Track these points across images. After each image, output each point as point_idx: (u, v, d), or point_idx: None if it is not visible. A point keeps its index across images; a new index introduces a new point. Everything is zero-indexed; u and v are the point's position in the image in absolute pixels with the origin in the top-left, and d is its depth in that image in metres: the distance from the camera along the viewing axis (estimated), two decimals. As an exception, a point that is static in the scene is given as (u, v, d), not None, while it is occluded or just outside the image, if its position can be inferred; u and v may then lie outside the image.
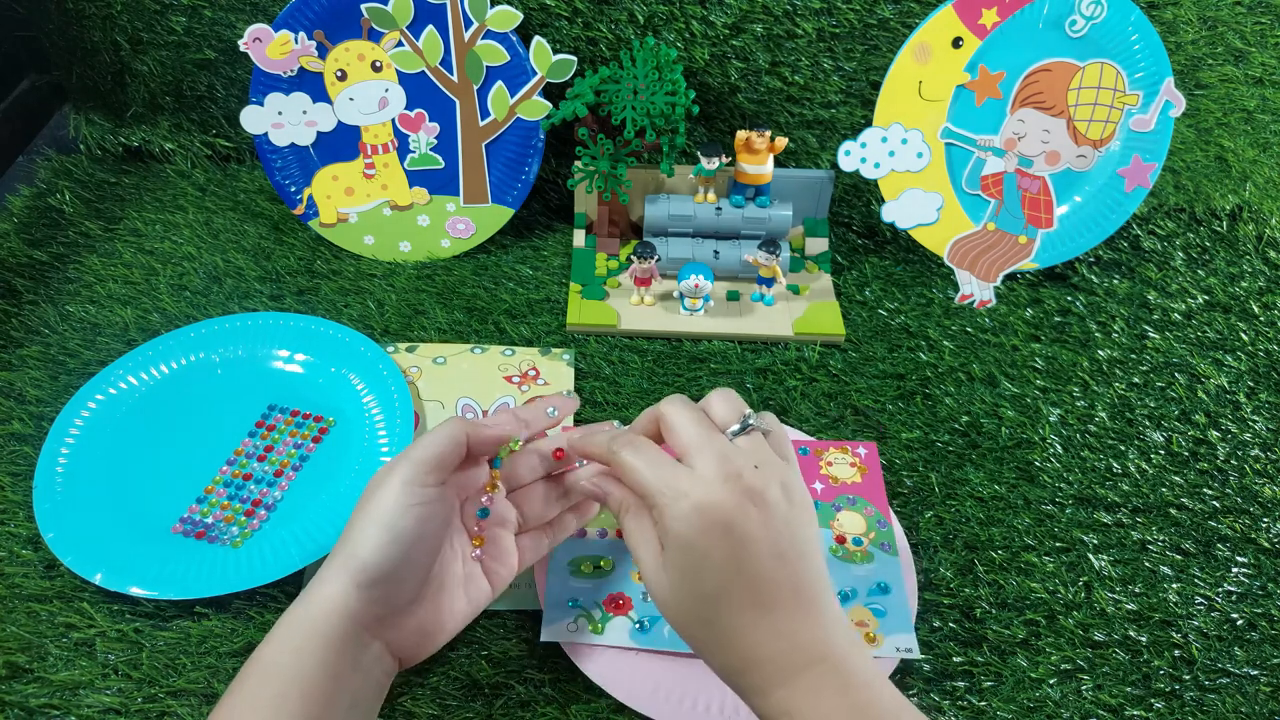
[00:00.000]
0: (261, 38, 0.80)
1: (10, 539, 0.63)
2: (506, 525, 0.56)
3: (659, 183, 0.87)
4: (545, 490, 0.58)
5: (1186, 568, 0.66)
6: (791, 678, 0.45)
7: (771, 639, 0.45)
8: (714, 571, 0.45)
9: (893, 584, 0.62)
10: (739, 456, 0.47)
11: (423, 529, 0.49)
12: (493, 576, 0.54)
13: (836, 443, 0.71)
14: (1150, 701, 0.58)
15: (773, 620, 0.45)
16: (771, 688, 0.45)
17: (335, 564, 0.48)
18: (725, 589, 0.46)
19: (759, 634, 0.45)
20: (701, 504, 0.45)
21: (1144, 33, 0.80)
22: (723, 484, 0.46)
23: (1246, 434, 0.75)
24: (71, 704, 0.54)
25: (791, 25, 0.84)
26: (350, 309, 0.81)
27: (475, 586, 0.53)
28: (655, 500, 0.47)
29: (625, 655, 0.58)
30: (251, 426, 0.70)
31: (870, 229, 0.93)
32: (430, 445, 0.50)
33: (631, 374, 0.77)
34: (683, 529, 0.46)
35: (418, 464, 0.49)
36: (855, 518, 0.66)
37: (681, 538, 0.46)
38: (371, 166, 0.86)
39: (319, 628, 0.46)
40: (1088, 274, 0.89)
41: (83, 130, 0.94)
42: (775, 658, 0.45)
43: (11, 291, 0.80)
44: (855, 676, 0.45)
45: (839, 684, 0.44)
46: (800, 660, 0.45)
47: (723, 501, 0.45)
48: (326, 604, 0.47)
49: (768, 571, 0.46)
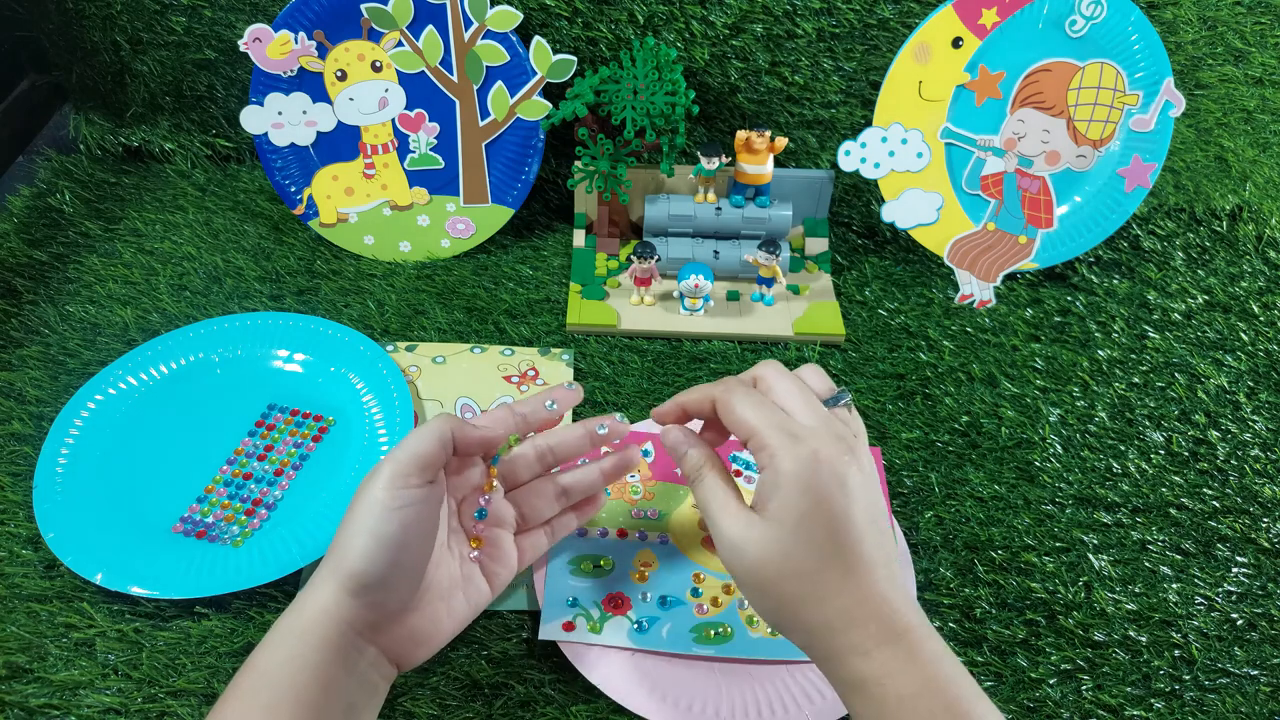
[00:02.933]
0: (261, 38, 0.80)
1: (10, 539, 0.63)
2: (505, 525, 0.56)
3: (659, 183, 0.87)
4: (545, 488, 0.57)
5: (1186, 568, 0.66)
6: (886, 642, 0.45)
7: (866, 602, 0.45)
8: (826, 520, 0.45)
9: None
10: (838, 423, 0.48)
11: (408, 533, 0.48)
12: (492, 578, 0.54)
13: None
14: (1150, 701, 0.58)
15: (870, 584, 0.45)
16: (871, 648, 0.45)
17: (326, 570, 0.48)
18: (835, 540, 0.45)
19: (855, 596, 0.45)
20: (819, 452, 0.46)
21: (1144, 33, 0.80)
22: (833, 440, 0.46)
23: (1246, 434, 0.75)
24: (71, 704, 0.54)
25: (791, 25, 0.84)
26: (350, 309, 0.81)
27: (474, 588, 0.53)
28: (768, 440, 0.46)
29: (623, 656, 0.58)
30: (251, 426, 0.70)
31: (870, 229, 0.93)
32: (413, 445, 0.49)
33: (631, 374, 0.77)
34: (802, 472, 0.45)
35: (401, 464, 0.48)
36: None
37: (800, 480, 0.45)
38: (371, 166, 0.86)
39: (312, 635, 0.46)
40: (1088, 274, 0.89)
41: (83, 130, 0.95)
42: (869, 620, 0.45)
43: (11, 291, 0.80)
44: (942, 657, 0.45)
45: (931, 653, 0.45)
46: (892, 628, 0.45)
47: (836, 456, 0.46)
48: (318, 611, 0.46)
49: (869, 535, 0.46)
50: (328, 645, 0.46)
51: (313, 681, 0.45)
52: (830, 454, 0.46)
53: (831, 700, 0.56)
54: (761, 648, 0.58)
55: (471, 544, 0.54)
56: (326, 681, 0.45)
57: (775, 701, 0.56)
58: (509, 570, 0.55)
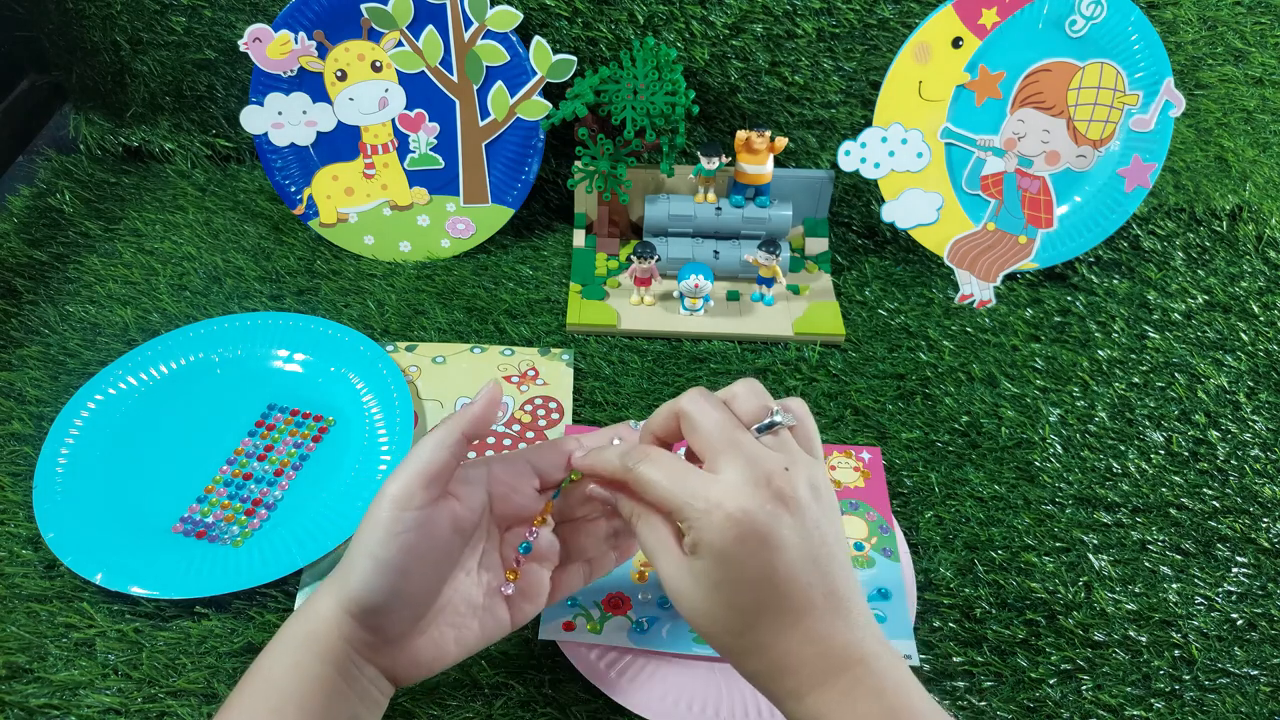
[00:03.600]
0: (261, 38, 0.80)
1: (10, 539, 0.63)
2: (547, 560, 0.53)
3: (659, 183, 0.87)
4: (598, 529, 0.54)
5: (1186, 568, 0.66)
6: (826, 681, 0.44)
7: (805, 645, 0.44)
8: (748, 583, 0.44)
9: (893, 590, 0.61)
10: (767, 459, 0.44)
11: (409, 559, 0.46)
12: (516, 611, 0.51)
13: (840, 446, 0.71)
14: (1150, 701, 0.58)
15: (806, 626, 0.44)
16: (806, 692, 0.44)
17: (333, 582, 0.47)
18: (760, 600, 0.44)
19: (792, 641, 0.44)
20: (734, 515, 0.43)
21: (1144, 33, 0.80)
22: (754, 491, 0.43)
23: (1246, 434, 0.75)
24: (71, 704, 0.54)
25: (791, 25, 0.84)
26: (350, 309, 0.81)
27: (492, 618, 0.50)
28: (684, 514, 0.44)
29: (623, 656, 0.58)
30: (251, 426, 0.70)
31: (870, 229, 0.93)
32: (422, 457, 0.47)
33: (631, 374, 0.77)
34: (717, 540, 0.43)
35: (407, 481, 0.46)
36: (858, 523, 0.66)
37: (715, 549, 0.43)
38: (371, 166, 0.86)
39: (316, 646, 0.46)
40: (1088, 274, 0.89)
41: (83, 130, 0.95)
42: (810, 662, 0.44)
43: (11, 291, 0.80)
44: (888, 679, 0.44)
45: (873, 687, 0.43)
46: (835, 664, 0.44)
47: (755, 510, 0.43)
48: (322, 624, 0.46)
49: (802, 578, 0.44)
50: (331, 657, 0.46)
51: (317, 689, 0.45)
52: (748, 509, 0.43)
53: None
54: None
55: (508, 575, 0.51)
56: (331, 690, 0.45)
57: (775, 701, 0.56)
58: (535, 606, 0.52)
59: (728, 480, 0.44)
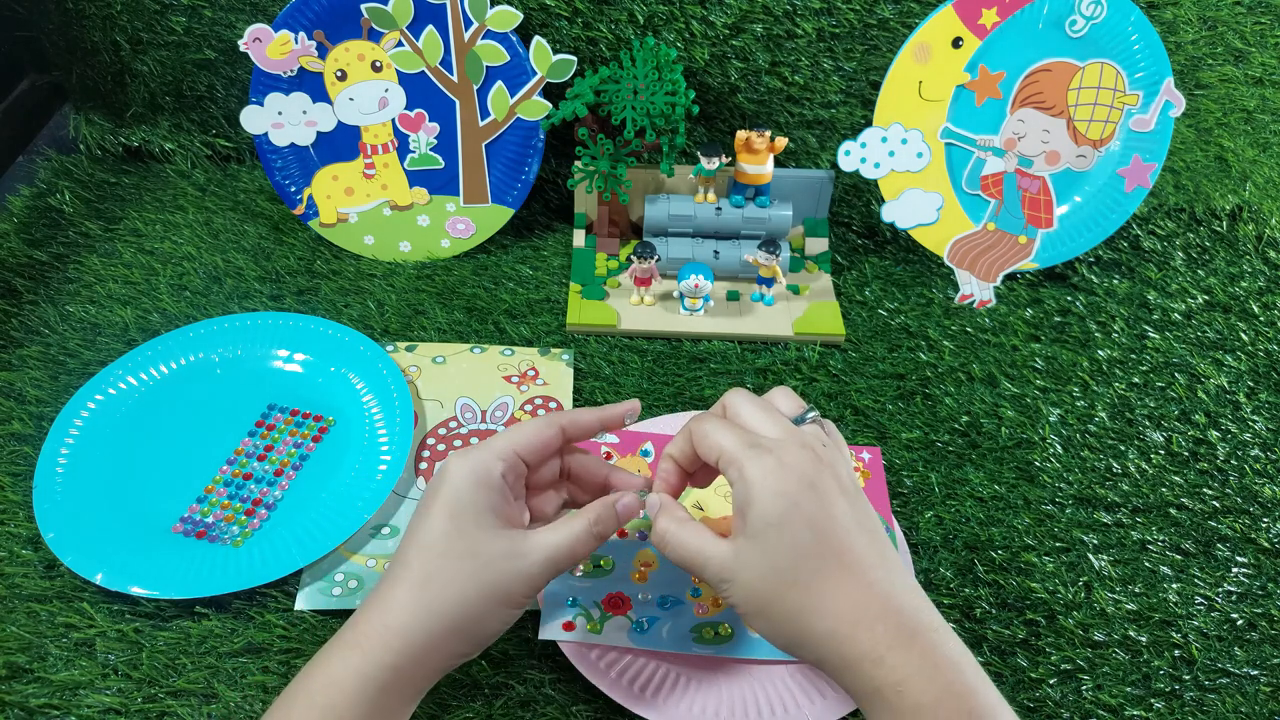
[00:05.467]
0: (261, 38, 0.80)
1: (10, 539, 0.63)
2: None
3: (659, 183, 0.87)
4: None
5: (1186, 568, 0.66)
6: (902, 642, 0.43)
7: (870, 597, 0.44)
8: (804, 519, 0.45)
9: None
10: (809, 433, 0.49)
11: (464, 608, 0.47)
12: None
13: (836, 443, 0.71)
14: (1150, 701, 0.58)
15: (868, 578, 0.45)
16: (885, 650, 0.43)
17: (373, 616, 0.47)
18: (818, 543, 0.45)
19: (858, 590, 0.44)
20: (785, 460, 0.46)
21: (1144, 33, 0.80)
22: (799, 448, 0.47)
23: (1246, 434, 0.75)
24: (71, 704, 0.54)
25: (791, 25, 0.84)
26: (350, 309, 0.81)
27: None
28: (735, 455, 0.47)
29: (623, 656, 0.58)
30: (251, 426, 0.70)
31: (870, 229, 0.93)
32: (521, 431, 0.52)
33: (631, 374, 0.77)
34: (768, 477, 0.45)
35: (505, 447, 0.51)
36: (855, 518, 0.66)
37: (768, 486, 0.45)
38: (371, 166, 0.86)
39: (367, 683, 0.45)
40: (1088, 274, 0.89)
41: (83, 130, 0.95)
42: (881, 618, 0.44)
43: (11, 291, 0.80)
44: (964, 656, 0.44)
45: (950, 658, 0.43)
46: (908, 625, 0.44)
47: (803, 461, 0.46)
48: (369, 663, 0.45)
49: (852, 534, 0.46)
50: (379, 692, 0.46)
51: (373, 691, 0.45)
52: (795, 459, 0.46)
53: (832, 700, 0.56)
54: (761, 648, 0.58)
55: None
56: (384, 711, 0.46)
57: (775, 701, 0.56)
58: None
59: (774, 436, 0.48)
